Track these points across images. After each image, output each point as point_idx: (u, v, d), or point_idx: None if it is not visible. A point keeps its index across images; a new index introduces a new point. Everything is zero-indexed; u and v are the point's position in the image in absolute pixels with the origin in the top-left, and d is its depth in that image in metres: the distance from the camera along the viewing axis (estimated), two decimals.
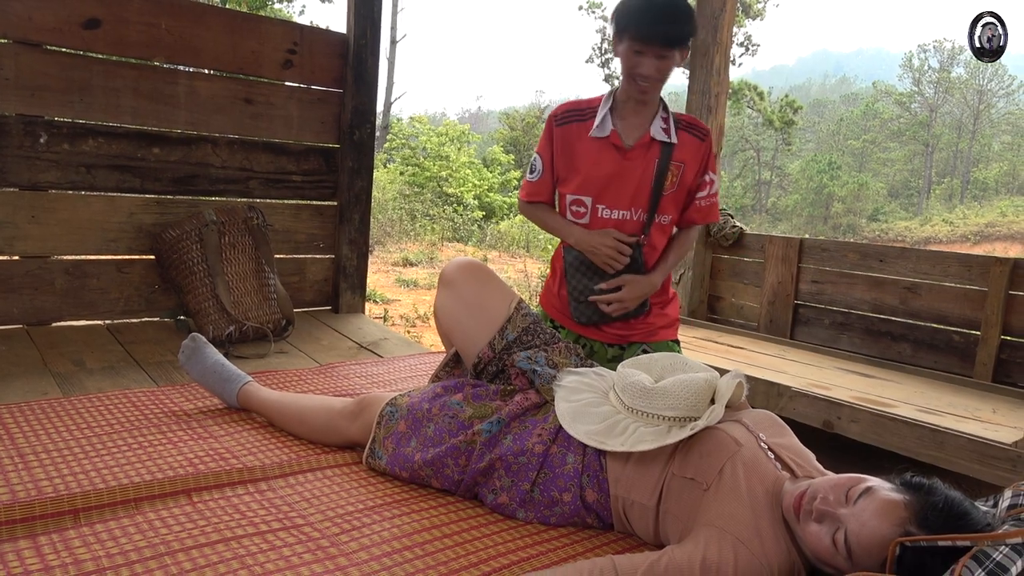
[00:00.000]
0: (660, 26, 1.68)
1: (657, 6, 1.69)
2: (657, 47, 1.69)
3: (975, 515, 1.01)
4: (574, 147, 1.84)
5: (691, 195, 1.90)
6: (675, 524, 1.22)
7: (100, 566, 1.12)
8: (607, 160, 1.82)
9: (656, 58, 1.71)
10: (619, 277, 1.83)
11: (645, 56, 1.71)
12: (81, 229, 2.60)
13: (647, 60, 1.71)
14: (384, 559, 1.22)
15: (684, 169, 1.85)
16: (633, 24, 1.70)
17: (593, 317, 1.87)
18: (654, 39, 1.69)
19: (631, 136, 1.82)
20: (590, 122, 1.84)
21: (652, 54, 1.70)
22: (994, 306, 3.06)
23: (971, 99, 38.83)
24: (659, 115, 1.84)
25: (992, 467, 2.28)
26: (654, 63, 1.71)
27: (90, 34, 2.51)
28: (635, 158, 1.81)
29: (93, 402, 1.83)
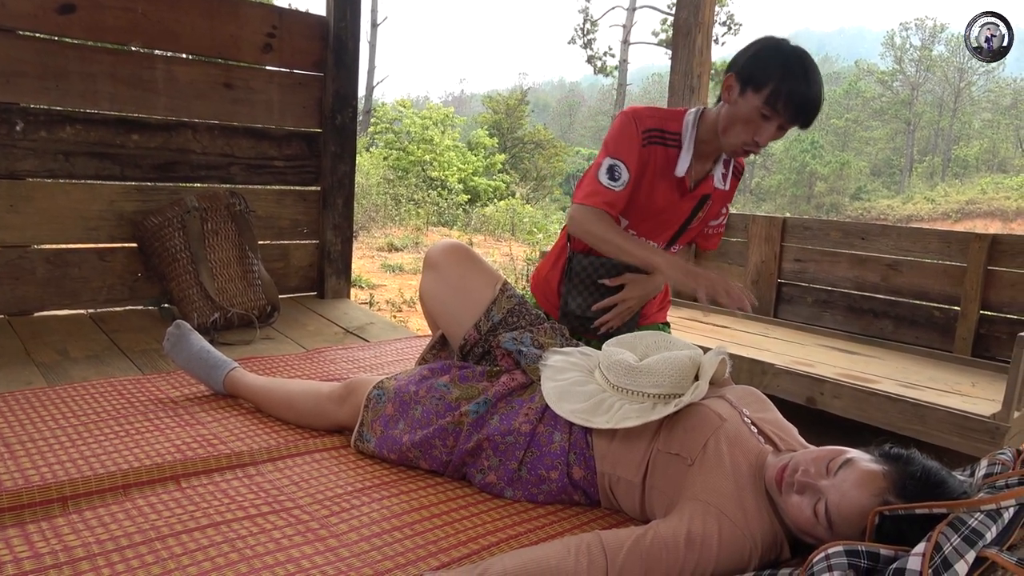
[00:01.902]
0: (814, 100, 1.53)
1: (815, 75, 1.53)
2: (793, 122, 1.55)
3: (952, 483, 1.04)
4: (651, 174, 1.71)
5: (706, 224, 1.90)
6: (661, 499, 1.24)
7: (91, 552, 1.13)
8: (667, 196, 1.74)
9: (779, 129, 1.57)
10: (622, 276, 1.79)
11: (771, 122, 1.55)
12: (61, 218, 2.58)
13: (770, 128, 1.56)
14: (374, 539, 1.23)
15: (712, 205, 1.83)
16: (785, 88, 1.50)
17: (579, 330, 1.84)
18: (795, 113, 1.52)
19: (695, 177, 1.75)
20: (673, 152, 1.70)
21: (779, 124, 1.55)
22: (973, 281, 3.11)
23: (952, 77, 39.04)
24: (723, 158, 1.76)
25: (971, 439, 2.33)
26: (775, 133, 1.57)
27: (65, 19, 2.47)
28: (689, 200, 1.77)
29: (78, 391, 1.83)
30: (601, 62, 21.81)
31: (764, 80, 1.52)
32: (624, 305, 1.79)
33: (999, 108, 38.62)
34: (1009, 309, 3.06)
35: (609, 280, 1.79)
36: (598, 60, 21.87)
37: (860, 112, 39.43)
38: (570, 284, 1.83)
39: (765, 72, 1.52)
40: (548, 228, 11.10)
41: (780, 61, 1.53)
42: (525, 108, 23.04)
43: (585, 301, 1.81)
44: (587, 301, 1.81)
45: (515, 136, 21.99)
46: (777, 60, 1.53)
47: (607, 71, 21.83)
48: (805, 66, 1.53)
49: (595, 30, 22.02)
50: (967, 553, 0.88)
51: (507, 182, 16.35)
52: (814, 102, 1.54)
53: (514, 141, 21.73)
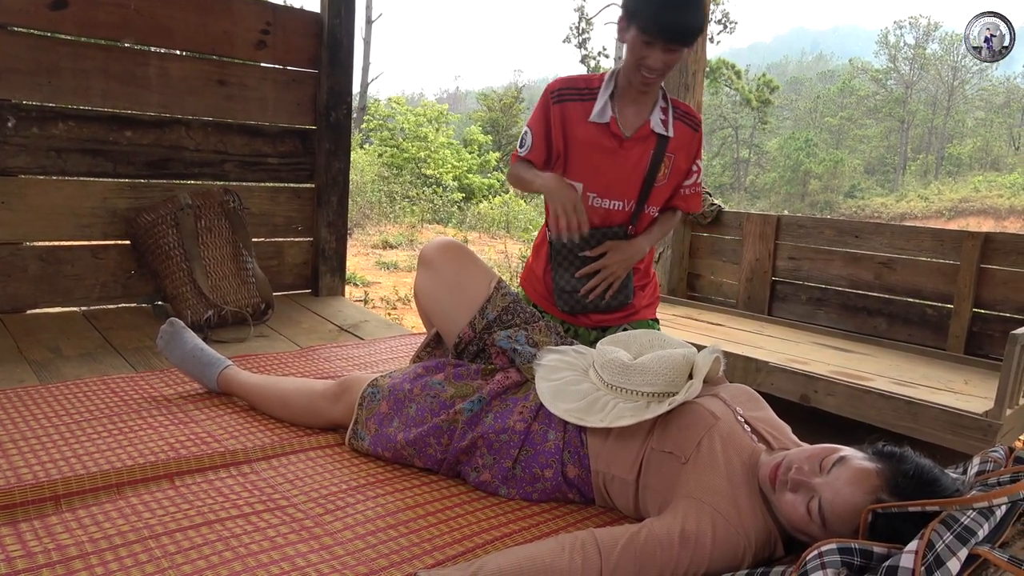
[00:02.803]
0: (674, 18, 1.61)
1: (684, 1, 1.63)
2: (671, 42, 1.63)
3: (944, 481, 1.04)
4: (571, 128, 1.80)
5: (679, 183, 1.90)
6: (655, 497, 1.24)
7: (83, 551, 1.12)
8: (603, 148, 1.79)
9: (665, 51, 1.65)
10: (603, 244, 1.81)
11: (654, 48, 1.64)
12: (53, 214, 2.56)
13: (655, 52, 1.65)
14: (369, 537, 1.23)
15: (675, 159, 1.84)
16: (647, 13, 1.62)
17: (576, 307, 1.86)
18: (666, 33, 1.62)
19: (630, 126, 1.79)
20: (590, 104, 1.78)
21: (661, 47, 1.64)
22: (966, 280, 3.12)
23: (946, 75, 39.15)
24: (658, 105, 1.80)
25: (964, 436, 2.34)
26: (662, 56, 1.65)
27: (57, 15, 2.46)
28: (631, 148, 1.79)
29: (71, 389, 1.82)
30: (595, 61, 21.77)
31: (636, 10, 1.65)
32: (607, 271, 1.82)
33: (992, 107, 38.76)
34: (1002, 307, 3.07)
35: (590, 251, 1.81)
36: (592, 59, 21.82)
37: (854, 110, 39.53)
38: (555, 264, 1.86)
39: (636, 2, 1.66)
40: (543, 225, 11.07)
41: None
42: (520, 105, 23.02)
43: (572, 276, 1.84)
44: (574, 276, 1.84)
45: (510, 133, 21.98)
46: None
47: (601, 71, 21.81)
48: None
49: (590, 28, 22.00)
50: (959, 551, 0.89)
51: (502, 180, 16.34)
52: (680, 19, 1.62)
53: (509, 138, 21.72)
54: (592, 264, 1.81)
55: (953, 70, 39.09)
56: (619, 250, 1.81)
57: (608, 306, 1.86)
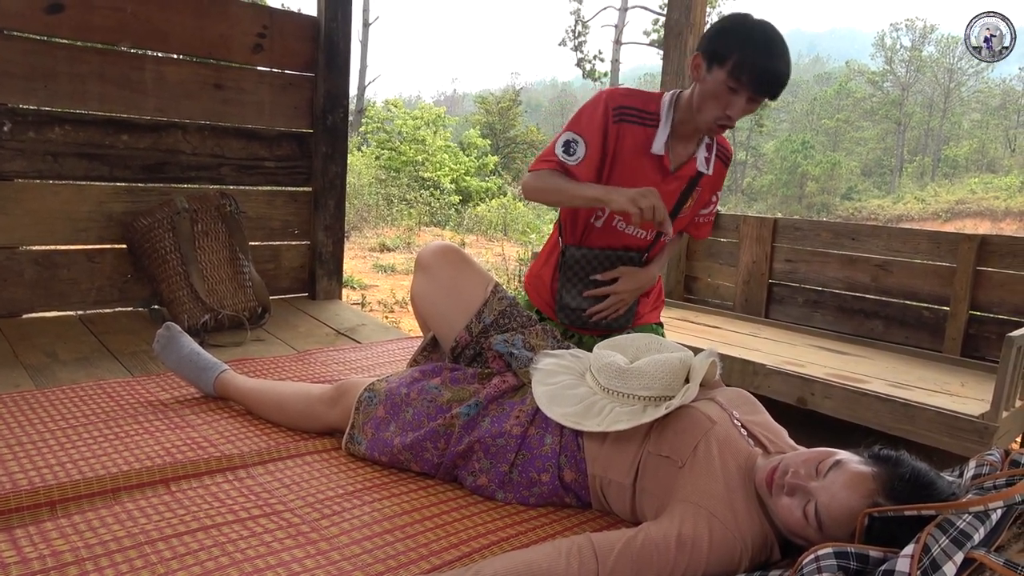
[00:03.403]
0: (772, 68, 1.52)
1: (778, 46, 1.52)
2: (758, 92, 1.54)
3: (940, 485, 1.04)
4: (623, 151, 1.70)
5: (696, 212, 1.89)
6: (651, 501, 1.24)
7: (79, 556, 1.12)
8: (647, 179, 1.72)
9: (749, 101, 1.56)
10: (616, 269, 1.79)
11: (739, 96, 1.55)
12: (49, 219, 2.56)
13: (739, 101, 1.56)
14: (365, 543, 1.23)
15: (701, 192, 1.83)
16: (742, 60, 1.51)
17: (576, 323, 1.84)
18: (760, 84, 1.53)
19: (677, 160, 1.74)
20: (650, 131, 1.70)
21: (748, 96, 1.55)
22: (962, 282, 3.13)
23: (942, 78, 39.27)
24: (704, 141, 1.77)
25: (960, 439, 2.34)
26: (744, 106, 1.56)
27: (53, 19, 2.46)
28: (672, 183, 1.75)
29: (67, 393, 1.81)
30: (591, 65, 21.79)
31: (727, 54, 1.53)
32: (616, 297, 1.79)
33: (988, 109, 38.88)
34: (998, 309, 3.08)
35: (601, 275, 1.79)
36: (588, 63, 21.84)
37: (851, 112, 39.61)
38: (564, 277, 1.83)
39: (727, 46, 1.54)
40: (541, 228, 11.11)
41: (742, 34, 1.55)
42: (518, 109, 23.05)
43: (580, 294, 1.82)
44: (581, 294, 1.82)
45: (507, 136, 21.99)
46: (739, 33, 1.55)
47: (595, 75, 21.80)
48: (767, 36, 1.54)
49: (586, 32, 22.01)
50: (955, 555, 0.89)
51: (499, 184, 16.35)
52: (777, 71, 1.54)
53: (506, 141, 21.74)
54: (603, 288, 1.79)
55: (949, 72, 39.21)
56: (632, 277, 1.79)
57: (608, 326, 1.85)
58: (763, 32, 1.55)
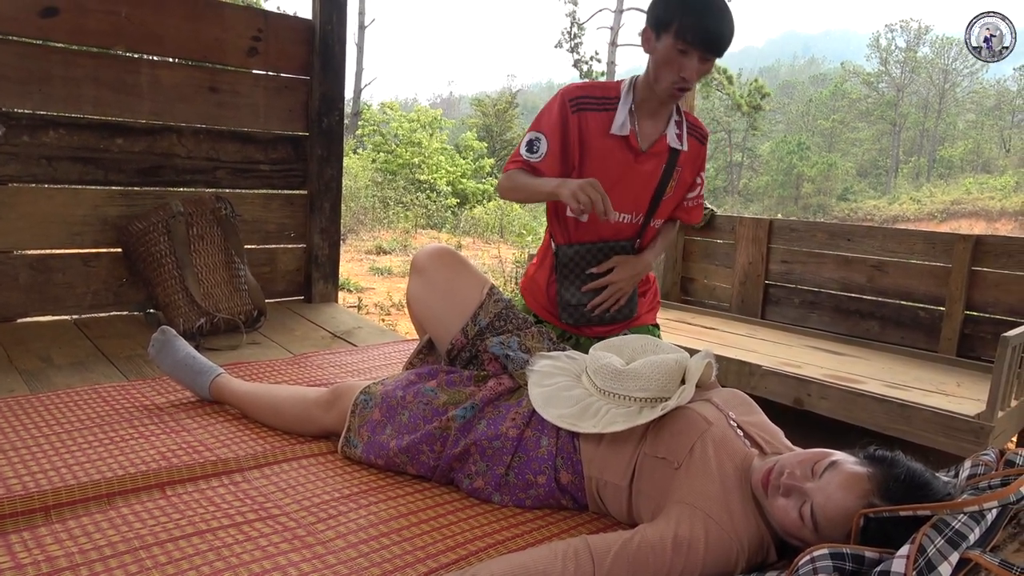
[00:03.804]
0: (713, 26, 1.56)
1: (716, 3, 1.58)
2: (709, 52, 1.58)
3: (936, 485, 1.04)
4: (588, 139, 1.74)
5: (683, 196, 1.89)
6: (647, 503, 1.24)
7: (73, 562, 1.12)
8: (619, 161, 1.75)
9: (701, 61, 1.60)
10: (610, 259, 1.80)
11: (689, 57, 1.59)
12: (44, 223, 2.55)
13: (691, 62, 1.59)
14: (361, 546, 1.22)
15: (682, 172, 1.83)
16: (685, 22, 1.56)
17: (581, 320, 1.84)
18: (704, 41, 1.57)
19: (647, 139, 1.76)
20: (609, 115, 1.73)
21: (698, 56, 1.59)
22: (958, 282, 3.13)
23: (937, 78, 39.39)
24: (673, 118, 1.78)
25: (957, 439, 2.35)
26: (697, 66, 1.60)
27: (48, 22, 2.45)
28: (645, 162, 1.76)
29: (62, 398, 1.81)
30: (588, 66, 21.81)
31: (670, 19, 1.59)
32: (614, 287, 1.80)
33: (983, 109, 39.00)
34: (993, 309, 3.08)
35: (597, 268, 1.80)
36: (584, 64, 21.86)
37: (846, 113, 39.72)
38: (560, 276, 1.83)
39: (669, 12, 1.60)
40: (537, 231, 11.11)
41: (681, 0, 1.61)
42: (514, 111, 23.06)
43: (578, 290, 1.82)
44: (580, 289, 1.82)
45: (504, 139, 22.00)
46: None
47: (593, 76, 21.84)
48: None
49: (582, 34, 22.02)
50: (951, 555, 0.89)
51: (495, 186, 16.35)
52: (719, 26, 1.58)
53: (503, 144, 21.74)
54: (599, 280, 1.80)
55: (944, 73, 39.34)
56: (627, 265, 1.80)
57: (613, 319, 1.85)
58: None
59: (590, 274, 1.81)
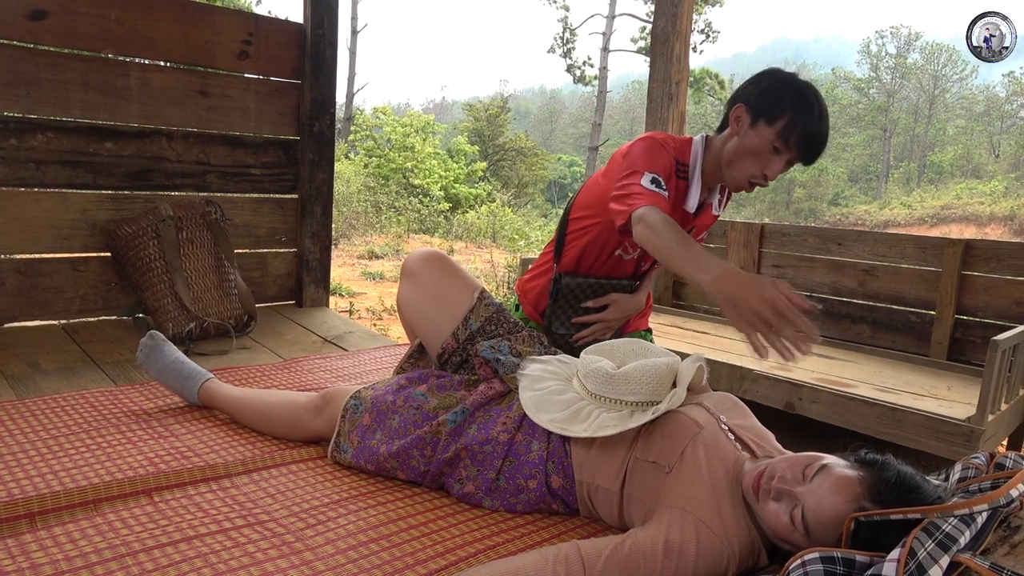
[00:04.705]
0: (824, 136, 1.50)
1: (826, 112, 1.51)
2: (804, 157, 1.52)
3: (926, 488, 1.04)
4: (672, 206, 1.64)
5: None
6: (639, 507, 1.23)
7: (58, 569, 1.10)
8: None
9: (788, 164, 1.54)
10: (607, 296, 1.79)
11: (781, 157, 1.52)
12: (32, 227, 2.53)
13: (779, 162, 1.53)
14: (350, 552, 1.21)
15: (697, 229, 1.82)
16: (799, 121, 1.48)
17: (564, 347, 1.83)
18: (810, 149, 1.50)
19: (697, 202, 1.71)
20: (683, 184, 1.66)
21: (788, 158, 1.52)
22: (948, 286, 3.15)
23: (927, 84, 39.67)
24: (718, 186, 1.75)
25: (947, 442, 2.35)
26: (782, 167, 1.54)
27: (36, 26, 2.44)
28: (687, 224, 1.72)
29: (48, 403, 1.79)
30: (580, 71, 21.89)
31: (778, 113, 1.49)
32: (604, 324, 1.80)
33: (972, 115, 39.28)
34: (983, 313, 3.10)
35: (593, 302, 1.79)
36: (577, 69, 21.94)
37: (837, 119, 39.88)
38: (554, 303, 1.82)
39: (779, 105, 1.49)
40: (530, 235, 11.11)
41: (795, 95, 1.50)
42: (506, 116, 23.10)
43: (568, 320, 1.82)
44: (570, 320, 1.82)
45: (496, 143, 22.03)
46: (791, 94, 1.51)
47: (586, 80, 21.93)
48: (819, 101, 1.52)
49: (574, 39, 22.11)
50: (941, 558, 0.88)
51: (488, 190, 16.36)
52: (824, 137, 1.51)
53: (495, 148, 21.77)
54: (592, 315, 1.80)
55: (934, 79, 39.62)
56: (621, 305, 1.80)
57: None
58: (815, 96, 1.52)
59: (584, 308, 1.80)
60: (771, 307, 1.17)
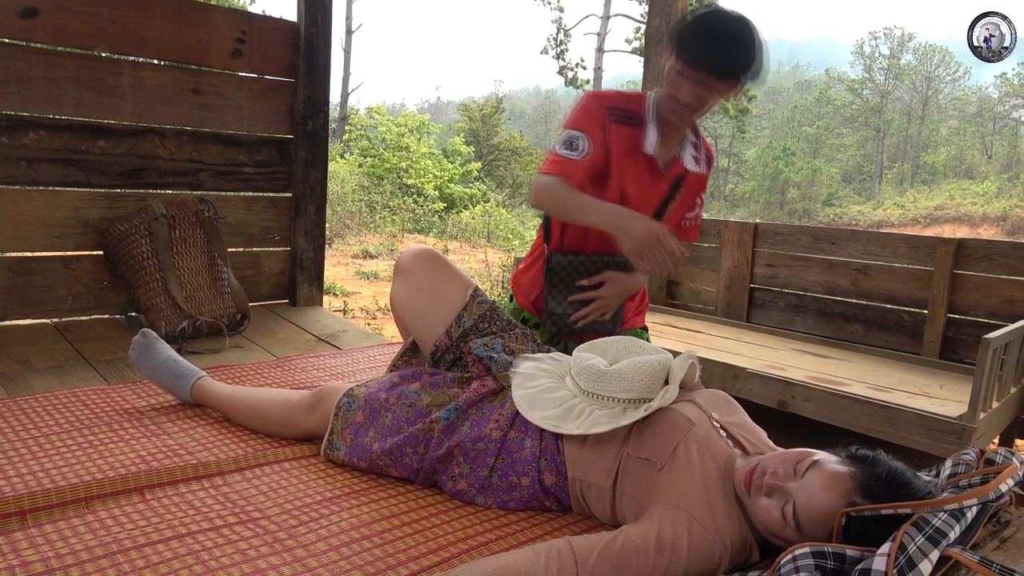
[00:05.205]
0: (709, 52, 1.54)
1: (717, 31, 1.55)
2: (700, 74, 1.56)
3: (917, 484, 1.05)
4: (619, 153, 1.70)
5: (682, 216, 1.89)
6: (631, 504, 1.24)
7: (49, 567, 1.10)
8: (642, 179, 1.73)
9: (698, 84, 1.57)
10: (602, 274, 1.78)
11: (687, 80, 1.57)
12: (24, 225, 2.52)
13: (687, 85, 1.58)
14: (343, 549, 1.21)
15: (685, 193, 1.82)
16: (686, 42, 1.56)
17: (563, 330, 1.83)
18: (703, 66, 1.55)
19: (664, 158, 1.74)
20: (636, 131, 1.70)
21: (695, 80, 1.57)
22: (940, 285, 3.16)
23: (920, 85, 39.83)
24: (689, 140, 1.77)
25: (939, 440, 2.36)
26: (695, 90, 1.58)
27: (27, 23, 2.43)
28: (661, 183, 1.75)
29: (40, 402, 1.78)
30: (573, 73, 21.88)
31: (680, 39, 1.58)
32: (601, 302, 1.78)
33: (965, 116, 39.46)
34: (975, 312, 3.11)
35: (587, 280, 1.78)
36: (570, 71, 21.93)
37: (831, 120, 40.05)
38: (549, 284, 1.81)
39: (681, 32, 1.59)
40: (524, 235, 11.11)
41: (697, 21, 1.59)
42: (501, 116, 23.10)
43: (565, 300, 1.80)
44: (567, 299, 1.80)
45: (491, 143, 22.04)
46: (694, 23, 1.59)
47: (578, 83, 21.88)
48: (714, 20, 1.57)
49: (568, 40, 22.10)
50: (931, 552, 0.89)
51: (483, 190, 16.36)
52: (720, 53, 1.55)
53: (490, 148, 21.77)
54: (588, 293, 1.78)
55: (927, 80, 39.78)
56: (617, 283, 1.78)
57: (594, 331, 1.83)
58: (713, 16, 1.59)
59: (580, 286, 1.79)
60: (652, 235, 1.54)
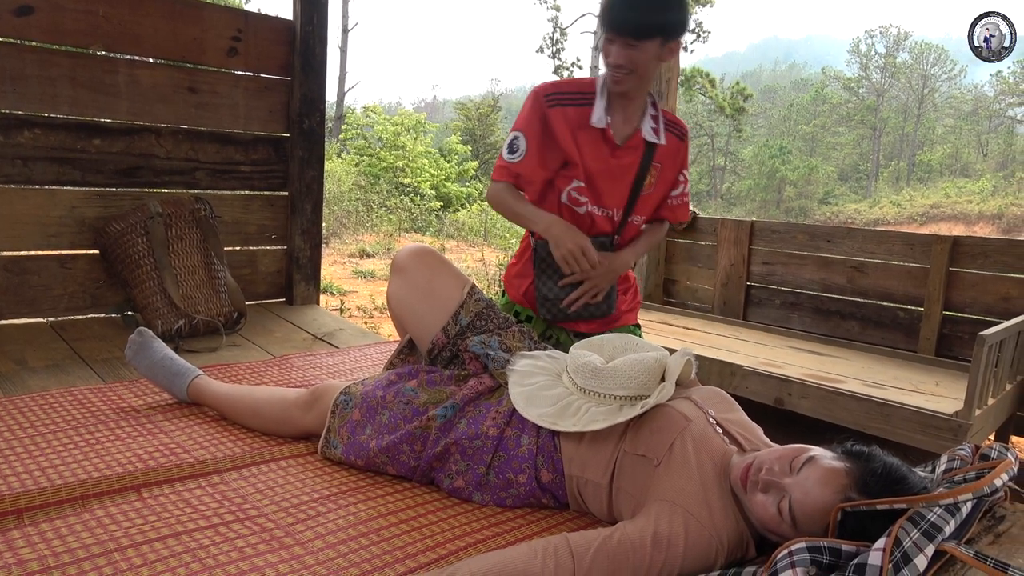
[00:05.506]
0: (627, 13, 1.62)
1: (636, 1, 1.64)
2: (624, 36, 1.63)
3: (912, 479, 1.05)
4: (567, 134, 1.76)
5: (666, 194, 1.90)
6: (628, 501, 1.24)
7: (46, 565, 1.10)
8: (600, 154, 1.77)
9: (625, 47, 1.65)
10: None
11: (615, 44, 1.66)
12: (19, 224, 2.51)
13: (615, 49, 1.66)
14: (340, 546, 1.21)
15: (662, 169, 1.84)
16: (602, 11, 1.67)
17: (559, 316, 1.85)
18: (619, 27, 1.63)
19: (621, 132, 1.78)
20: (586, 109, 1.76)
21: (621, 43, 1.65)
22: (936, 283, 3.17)
23: (916, 83, 39.91)
24: (648, 113, 1.80)
25: (935, 436, 2.37)
26: (623, 52, 1.65)
27: (22, 21, 2.42)
28: (622, 156, 1.78)
29: (36, 401, 1.78)
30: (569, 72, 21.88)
31: (600, 13, 1.70)
32: (591, 282, 1.80)
33: (961, 114, 39.56)
34: (970, 309, 3.12)
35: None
36: (566, 70, 21.93)
37: (827, 118, 40.12)
38: (539, 271, 1.84)
39: (602, 5, 1.70)
40: (521, 233, 11.09)
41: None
42: (497, 115, 23.09)
43: (555, 284, 1.83)
44: (557, 284, 1.83)
45: (487, 142, 22.03)
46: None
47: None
48: None
49: (564, 39, 22.10)
50: (926, 547, 0.89)
51: (480, 189, 16.35)
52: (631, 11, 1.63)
53: (486, 147, 21.76)
54: (576, 275, 1.79)
55: (923, 78, 39.86)
56: (604, 263, 1.80)
57: (591, 315, 1.85)
58: None
59: None
60: (577, 247, 1.73)
